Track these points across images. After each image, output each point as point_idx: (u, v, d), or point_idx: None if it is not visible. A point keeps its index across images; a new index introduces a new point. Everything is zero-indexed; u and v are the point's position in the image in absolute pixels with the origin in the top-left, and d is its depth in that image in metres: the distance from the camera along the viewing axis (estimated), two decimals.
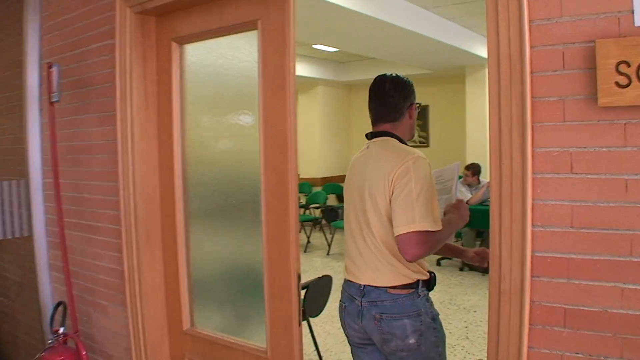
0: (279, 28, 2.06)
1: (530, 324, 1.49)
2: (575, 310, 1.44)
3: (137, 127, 2.55)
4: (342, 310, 2.21)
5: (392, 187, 1.98)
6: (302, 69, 9.76)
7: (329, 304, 4.17)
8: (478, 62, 8.44)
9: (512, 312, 1.49)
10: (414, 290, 2.05)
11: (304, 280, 3.16)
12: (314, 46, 8.71)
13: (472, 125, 8.76)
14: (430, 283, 2.13)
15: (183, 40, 2.50)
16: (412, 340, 2.02)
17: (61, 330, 2.87)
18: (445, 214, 2.18)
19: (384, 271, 2.05)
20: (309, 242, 8.62)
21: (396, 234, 1.94)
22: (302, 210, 9.52)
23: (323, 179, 10.70)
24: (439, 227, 1.96)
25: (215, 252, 2.61)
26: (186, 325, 2.64)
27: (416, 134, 10.76)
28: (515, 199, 1.45)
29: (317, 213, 8.93)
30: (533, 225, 1.46)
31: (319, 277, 4.17)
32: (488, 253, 2.23)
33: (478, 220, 3.67)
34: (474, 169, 7.07)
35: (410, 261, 1.97)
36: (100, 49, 2.77)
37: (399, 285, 2.03)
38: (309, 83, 10.59)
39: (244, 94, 2.33)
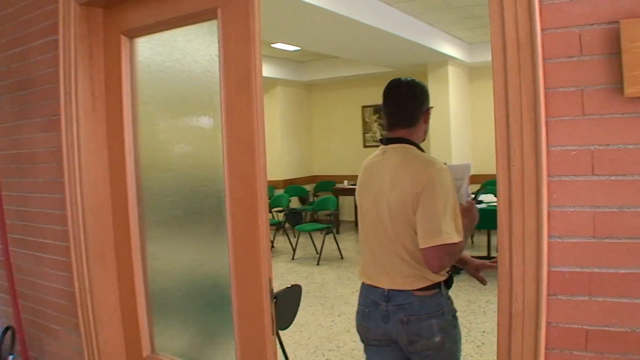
0: (241, 16, 1.82)
1: (546, 348, 1.29)
2: (599, 332, 1.25)
3: (83, 132, 2.27)
4: (364, 315, 2.19)
5: (417, 198, 1.98)
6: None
7: (298, 314, 3.91)
8: (440, 59, 8.34)
9: (526, 336, 1.29)
10: (437, 290, 2.08)
11: None
12: (273, 45, 8.46)
13: (436, 123, 8.63)
14: (448, 282, 2.15)
15: (133, 34, 2.23)
16: (437, 339, 2.06)
17: (10, 358, 2.66)
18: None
19: (409, 276, 2.07)
20: (272, 246, 8.36)
21: (422, 247, 1.96)
22: None
23: (285, 181, 10.46)
24: (462, 238, 1.98)
25: (177, 267, 2.35)
26: (146, 351, 2.37)
27: (378, 133, 10.67)
28: (528, 206, 1.25)
29: (281, 217, 8.68)
30: (549, 236, 1.26)
31: (287, 287, 3.90)
32: (489, 266, 2.27)
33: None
34: None
35: (436, 273, 2.02)
36: (42, 46, 2.49)
37: (424, 287, 2.06)
38: (268, 83, 10.32)
39: (204, 92, 2.08)
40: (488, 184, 9.17)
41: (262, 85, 1.82)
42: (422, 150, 2.15)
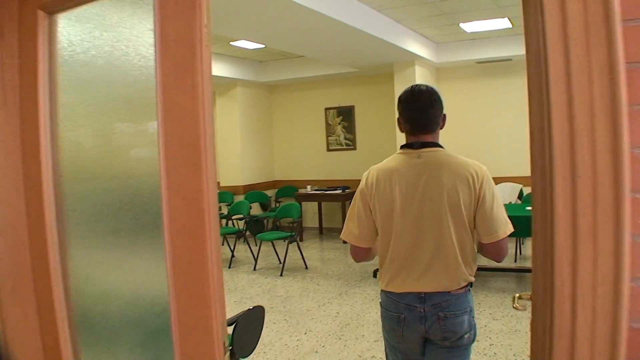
0: None
1: None
2: None
3: None
4: (399, 320, 2.23)
5: (478, 195, 2.10)
6: (219, 69, 9.02)
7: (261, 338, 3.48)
8: (407, 59, 8.02)
9: None
10: (468, 288, 2.21)
11: (231, 313, 2.52)
12: (232, 43, 8.00)
13: None
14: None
15: (53, 8, 1.77)
16: (467, 334, 2.20)
17: None
18: None
19: (454, 277, 2.15)
20: (233, 256, 7.88)
21: (494, 240, 2.10)
22: (224, 221, 8.77)
23: (245, 186, 9.98)
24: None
25: (110, 296, 1.89)
26: None
27: (342, 136, 10.32)
28: (603, 235, 0.86)
29: (241, 224, 8.22)
30: (632, 279, 0.87)
31: (249, 309, 3.47)
32: None
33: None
34: None
35: (500, 262, 2.21)
36: None
37: (460, 287, 2.17)
38: (227, 84, 9.84)
39: (140, 82, 1.63)
40: None
41: (210, 70, 1.37)
42: None
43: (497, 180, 9.28)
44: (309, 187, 9.60)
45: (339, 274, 7.03)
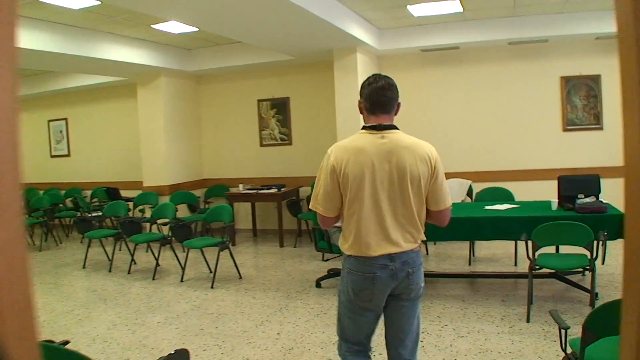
0: None
1: None
2: None
3: None
4: (372, 279, 2.50)
5: (433, 172, 2.52)
6: (140, 56, 8.06)
7: None
8: (348, 45, 7.35)
9: None
10: (420, 246, 2.62)
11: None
12: (154, 27, 7.07)
13: (343, 118, 7.65)
14: None
15: None
16: (423, 284, 2.64)
17: None
18: None
19: (414, 237, 2.53)
20: (158, 265, 6.97)
21: (442, 208, 2.58)
22: (148, 226, 7.82)
23: (171, 186, 9.05)
24: None
25: None
26: None
27: (276, 130, 9.56)
28: None
29: (166, 230, 7.30)
30: None
31: (171, 355, 2.69)
32: None
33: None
34: None
35: (445, 226, 2.70)
36: None
37: (417, 245, 2.58)
38: (149, 74, 8.86)
39: None
40: None
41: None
42: None
43: (445, 176, 8.80)
44: (241, 186, 8.78)
45: (277, 283, 6.28)
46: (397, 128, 2.55)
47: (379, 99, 2.53)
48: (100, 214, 8.61)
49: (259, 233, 9.44)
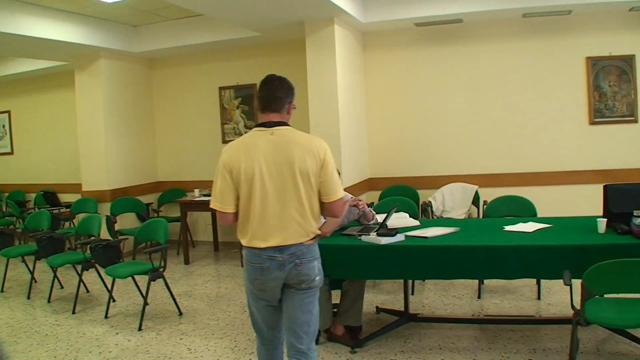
0: None
1: None
2: None
3: None
4: (261, 269, 2.61)
5: (322, 165, 2.59)
6: (73, 33, 6.56)
7: None
8: (323, 15, 5.84)
9: None
10: (316, 239, 2.70)
11: None
12: None
13: (317, 106, 6.13)
14: None
15: None
16: (317, 278, 2.69)
17: None
18: None
19: (305, 230, 2.61)
20: (77, 295, 5.43)
21: (332, 200, 2.64)
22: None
23: (114, 191, 7.51)
24: None
25: None
26: None
27: (241, 124, 8.00)
28: None
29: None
30: None
31: None
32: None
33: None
34: None
35: (338, 217, 3.30)
36: None
37: (310, 238, 2.65)
38: (86, 55, 7.32)
39: None
40: (387, 193, 6.81)
41: None
42: None
43: (445, 180, 6.55)
44: (196, 191, 7.23)
45: (225, 325, 4.74)
46: (287, 124, 2.66)
47: (268, 99, 2.64)
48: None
49: (222, 247, 7.92)
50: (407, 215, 4.57)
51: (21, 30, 6.04)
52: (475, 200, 6.40)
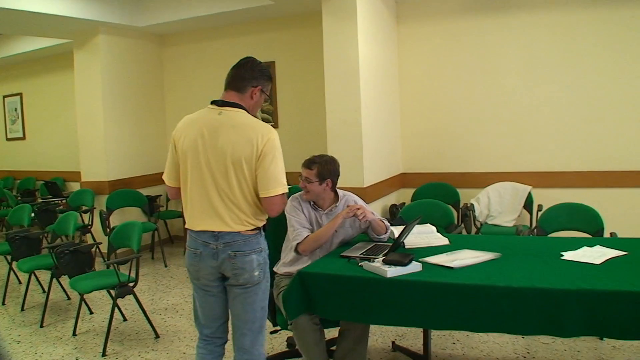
0: None
1: None
2: None
3: None
4: (196, 255, 2.51)
5: (260, 156, 2.38)
6: (66, 6, 5.76)
7: None
8: None
9: None
10: (258, 232, 2.53)
11: None
12: None
13: (335, 88, 5.11)
14: (265, 226, 2.59)
15: None
16: (256, 273, 2.49)
17: None
18: None
19: (239, 220, 2.44)
20: (45, 314, 4.64)
21: (266, 196, 2.41)
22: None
23: (114, 182, 6.71)
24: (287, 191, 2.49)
25: None
26: None
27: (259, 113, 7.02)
28: None
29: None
30: None
31: None
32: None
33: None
34: (326, 171, 3.41)
35: (274, 216, 2.52)
36: None
37: (249, 229, 2.47)
38: (83, 31, 6.51)
39: None
40: (422, 192, 5.76)
41: None
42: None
43: (492, 178, 4.98)
44: None
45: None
46: (241, 107, 2.48)
47: (233, 76, 2.52)
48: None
49: None
50: (434, 229, 3.50)
51: (14, 4, 5.31)
52: (528, 204, 5.27)
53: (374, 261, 2.71)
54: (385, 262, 2.65)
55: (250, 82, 2.49)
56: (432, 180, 5.83)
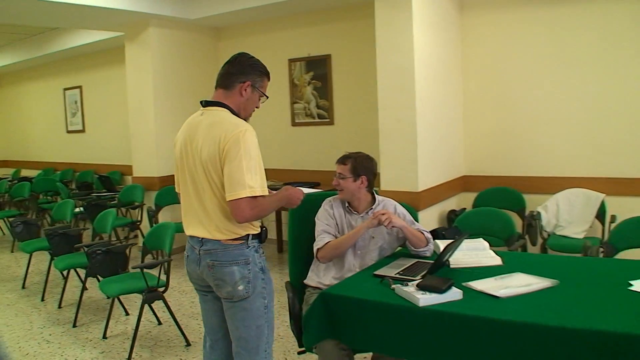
0: None
1: None
2: None
3: None
4: (186, 258, 2.43)
5: (223, 155, 2.17)
6: None
7: None
8: None
9: None
10: (243, 241, 2.29)
11: None
12: None
13: (387, 84, 4.72)
14: (261, 236, 2.37)
15: None
16: (240, 287, 2.26)
17: None
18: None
19: (218, 227, 2.26)
20: (78, 314, 4.52)
21: (229, 199, 2.15)
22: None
23: (164, 179, 6.59)
24: (265, 193, 2.22)
25: None
26: None
27: (313, 103, 6.71)
28: None
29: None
30: None
31: None
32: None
33: None
34: (361, 167, 3.08)
35: (240, 223, 2.22)
36: None
37: (230, 239, 2.27)
38: (133, 24, 6.41)
39: None
40: (484, 198, 5.30)
41: None
42: (236, 115, 2.31)
43: (562, 183, 4.35)
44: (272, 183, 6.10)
45: None
46: (223, 105, 2.32)
47: (221, 73, 2.38)
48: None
49: (287, 246, 6.75)
50: (487, 245, 3.05)
51: None
52: (600, 214, 4.71)
53: (407, 284, 2.33)
54: (419, 286, 2.27)
55: (238, 77, 2.33)
56: (497, 184, 5.33)
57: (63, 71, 9.53)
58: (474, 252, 2.91)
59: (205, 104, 2.37)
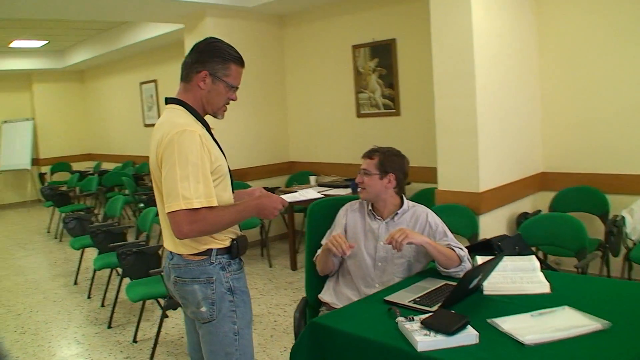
0: None
1: None
2: None
3: None
4: (164, 272, 2.20)
5: (160, 161, 1.89)
6: None
7: None
8: None
9: None
10: (206, 257, 1.98)
11: None
12: None
13: (444, 71, 4.17)
14: (231, 250, 2.01)
15: None
16: (203, 309, 1.98)
17: None
18: None
19: (174, 240, 1.97)
20: (113, 315, 4.36)
21: (167, 211, 1.85)
22: None
23: (248, 170, 6.41)
24: (211, 204, 1.85)
25: None
26: None
27: (378, 92, 6.19)
28: None
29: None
30: None
31: None
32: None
33: None
34: (389, 163, 2.66)
35: (180, 239, 1.90)
36: None
37: (191, 254, 1.98)
38: (191, 14, 6.23)
39: None
40: (562, 199, 4.63)
41: None
42: (194, 111, 2.00)
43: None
44: (312, 178, 5.78)
45: None
46: (179, 102, 2.01)
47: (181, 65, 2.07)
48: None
49: None
50: (537, 265, 2.44)
51: None
52: None
53: (413, 319, 1.86)
54: (424, 324, 1.79)
55: (194, 67, 1.99)
56: (579, 182, 4.60)
57: (139, 65, 9.64)
58: (518, 274, 2.35)
59: (166, 101, 2.09)
